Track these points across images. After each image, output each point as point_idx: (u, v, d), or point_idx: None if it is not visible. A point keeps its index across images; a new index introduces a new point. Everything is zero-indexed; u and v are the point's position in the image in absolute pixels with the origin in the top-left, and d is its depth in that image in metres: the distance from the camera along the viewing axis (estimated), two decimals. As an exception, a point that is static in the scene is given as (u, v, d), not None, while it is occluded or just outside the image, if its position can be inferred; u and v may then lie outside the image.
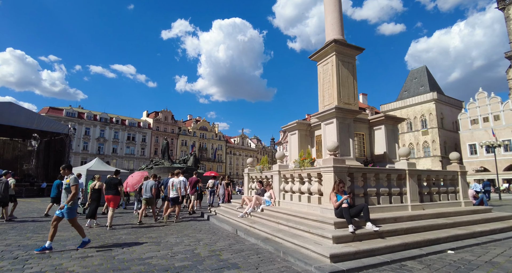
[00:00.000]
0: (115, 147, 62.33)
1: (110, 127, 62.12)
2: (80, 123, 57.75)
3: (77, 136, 56.46)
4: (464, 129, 43.84)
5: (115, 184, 8.88)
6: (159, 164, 35.08)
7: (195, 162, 37.85)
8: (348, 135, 8.94)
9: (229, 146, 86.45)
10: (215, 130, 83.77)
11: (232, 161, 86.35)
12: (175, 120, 75.35)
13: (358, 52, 10.22)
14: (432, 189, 8.61)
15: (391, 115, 10.55)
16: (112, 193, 8.78)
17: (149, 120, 70.42)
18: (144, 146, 66.77)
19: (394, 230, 6.06)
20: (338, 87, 9.37)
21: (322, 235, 5.45)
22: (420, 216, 7.21)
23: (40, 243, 6.20)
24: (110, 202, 8.78)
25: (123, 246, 6.15)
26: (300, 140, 10.96)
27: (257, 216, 8.34)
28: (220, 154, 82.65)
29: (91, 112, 60.94)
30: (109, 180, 9.05)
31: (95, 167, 15.52)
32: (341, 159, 6.65)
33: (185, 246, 6.15)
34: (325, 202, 6.60)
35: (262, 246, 6.12)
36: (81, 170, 14.31)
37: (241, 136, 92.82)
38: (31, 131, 26.59)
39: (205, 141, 79.67)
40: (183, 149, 71.59)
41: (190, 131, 76.49)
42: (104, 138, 60.74)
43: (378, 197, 7.36)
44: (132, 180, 11.03)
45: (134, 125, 66.31)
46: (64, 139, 26.89)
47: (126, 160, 62.64)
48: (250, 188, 11.50)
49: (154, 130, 68.99)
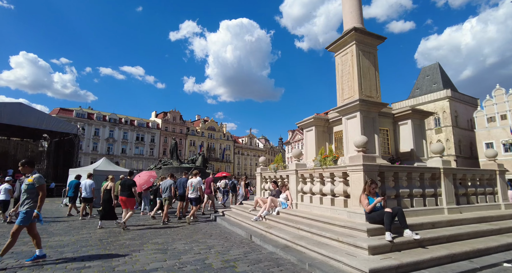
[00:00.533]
0: (124, 147, 62.45)
1: (119, 127, 62.30)
2: (90, 124, 58.04)
3: (86, 136, 56.83)
4: (480, 127, 42.05)
5: (129, 185, 8.56)
6: (167, 164, 34.60)
7: (203, 162, 37.22)
8: (372, 130, 8.10)
9: (237, 146, 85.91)
10: (223, 130, 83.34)
11: (240, 161, 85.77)
12: (183, 120, 75.22)
13: (380, 41, 9.37)
14: (469, 190, 7.70)
15: (418, 109, 9.68)
16: (126, 195, 8.49)
17: (158, 120, 70.43)
18: (153, 146, 66.78)
19: (435, 238, 5.22)
20: (359, 78, 8.54)
21: (354, 244, 4.66)
22: (460, 220, 6.33)
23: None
24: (125, 204, 8.47)
25: (126, 254, 5.49)
26: (317, 137, 10.17)
27: (273, 220, 7.59)
28: (228, 154, 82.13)
29: (100, 113, 61.22)
30: (123, 182, 8.76)
31: (102, 167, 15.03)
32: (371, 157, 5.84)
33: (194, 255, 5.45)
34: (353, 205, 5.80)
35: (283, 256, 5.36)
36: (88, 170, 13.81)
37: (249, 136, 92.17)
38: (41, 132, 26.52)
39: (213, 141, 79.32)
40: (191, 149, 71.39)
41: (198, 131, 76.24)
42: (113, 138, 60.93)
43: (411, 199, 6.51)
44: (139, 180, 10.44)
45: (143, 126, 66.38)
46: (73, 139, 26.72)
47: (135, 160, 62.72)
48: (263, 189, 10.73)
49: (163, 130, 68.95)
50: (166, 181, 10.05)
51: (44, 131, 25.47)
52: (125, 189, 8.51)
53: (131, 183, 8.61)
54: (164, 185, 9.86)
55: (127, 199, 8.47)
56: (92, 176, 11.13)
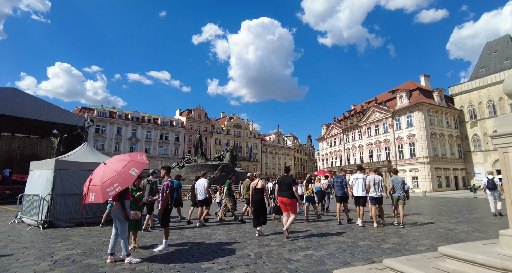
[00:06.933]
0: (148, 147, 59.55)
1: (142, 126, 59.51)
2: (112, 123, 55.64)
3: (108, 136, 54.49)
4: None
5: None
6: (191, 161, 30.10)
7: (232, 159, 32.37)
8: None
9: (264, 144, 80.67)
10: (250, 128, 78.53)
11: (268, 160, 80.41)
12: (208, 118, 71.42)
13: None
14: None
15: None
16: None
17: (182, 118, 67.11)
18: (177, 145, 63.43)
19: None
20: None
21: None
22: None
23: None
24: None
25: None
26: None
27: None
28: (256, 153, 77.13)
29: (122, 112, 58.77)
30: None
31: (76, 156, 9.68)
32: None
33: None
34: None
35: None
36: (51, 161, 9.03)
37: (277, 132, 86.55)
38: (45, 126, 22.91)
39: (239, 139, 74.74)
40: (217, 148, 67.26)
41: (224, 129, 72.06)
42: (136, 138, 58.18)
43: None
44: (102, 175, 4.85)
45: (167, 124, 63.23)
46: (80, 133, 22.78)
47: (160, 160, 59.58)
48: None
49: (188, 128, 65.44)
50: (200, 181, 9.02)
51: (46, 123, 21.56)
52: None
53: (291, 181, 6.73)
54: (198, 186, 8.84)
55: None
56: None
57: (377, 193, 8.16)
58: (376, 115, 48.43)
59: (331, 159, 62.72)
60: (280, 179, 6.79)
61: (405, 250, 5.15)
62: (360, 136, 52.46)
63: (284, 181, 6.58)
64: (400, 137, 43.63)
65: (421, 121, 40.40)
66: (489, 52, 44.15)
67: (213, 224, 8.86)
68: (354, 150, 53.96)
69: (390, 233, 6.90)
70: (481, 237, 6.38)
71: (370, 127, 49.85)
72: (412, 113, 41.70)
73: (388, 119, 45.52)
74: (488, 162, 40.12)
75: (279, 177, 7.01)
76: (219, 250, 5.26)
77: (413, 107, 41.28)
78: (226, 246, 5.59)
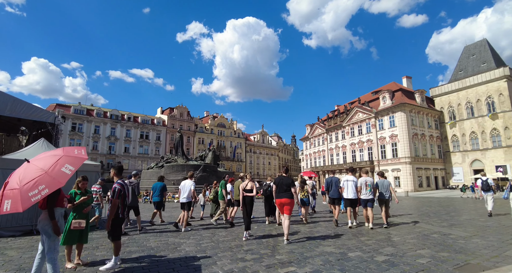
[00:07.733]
0: (127, 146, 57.13)
1: (121, 125, 56.99)
2: (89, 121, 52.91)
3: (85, 135, 51.78)
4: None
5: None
6: (171, 161, 28.71)
7: (214, 159, 31.23)
8: None
9: (248, 144, 79.72)
10: (234, 127, 77.33)
11: (252, 160, 79.53)
12: (191, 117, 69.62)
13: None
14: None
15: None
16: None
17: (164, 117, 64.97)
18: (158, 145, 61.32)
19: None
20: None
21: None
22: None
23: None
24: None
25: None
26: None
27: None
28: (240, 153, 76.06)
29: (101, 109, 56.06)
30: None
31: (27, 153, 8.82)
32: None
33: None
34: None
35: None
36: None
37: (261, 132, 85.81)
38: (11, 122, 20.91)
39: (223, 139, 73.40)
40: (200, 148, 65.63)
41: (207, 128, 70.50)
42: (115, 136, 55.64)
43: None
44: (24, 176, 3.99)
45: (148, 123, 60.99)
46: (50, 131, 20.97)
47: (140, 160, 57.30)
48: None
49: (169, 127, 63.41)
50: (186, 182, 8.52)
51: (12, 119, 19.66)
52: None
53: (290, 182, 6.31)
54: (184, 188, 8.34)
55: None
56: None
57: (368, 195, 8.07)
58: (359, 116, 48.67)
59: (314, 159, 62.68)
60: (278, 180, 6.55)
61: (404, 264, 4.40)
62: (343, 136, 52.61)
63: (283, 181, 6.39)
64: (382, 137, 43.97)
65: (403, 121, 40.84)
66: (467, 55, 45.33)
67: (197, 228, 7.87)
68: (337, 150, 54.07)
69: (381, 241, 6.17)
70: (482, 244, 5.76)
71: (353, 127, 50.06)
72: (394, 113, 42.10)
73: (371, 120, 45.81)
74: (466, 162, 41.12)
75: (276, 177, 6.80)
76: (182, 268, 4.30)
77: (395, 107, 41.68)
78: (191, 262, 4.64)
